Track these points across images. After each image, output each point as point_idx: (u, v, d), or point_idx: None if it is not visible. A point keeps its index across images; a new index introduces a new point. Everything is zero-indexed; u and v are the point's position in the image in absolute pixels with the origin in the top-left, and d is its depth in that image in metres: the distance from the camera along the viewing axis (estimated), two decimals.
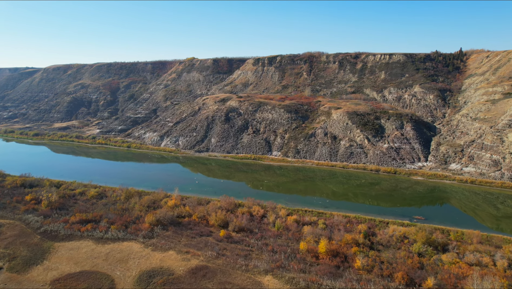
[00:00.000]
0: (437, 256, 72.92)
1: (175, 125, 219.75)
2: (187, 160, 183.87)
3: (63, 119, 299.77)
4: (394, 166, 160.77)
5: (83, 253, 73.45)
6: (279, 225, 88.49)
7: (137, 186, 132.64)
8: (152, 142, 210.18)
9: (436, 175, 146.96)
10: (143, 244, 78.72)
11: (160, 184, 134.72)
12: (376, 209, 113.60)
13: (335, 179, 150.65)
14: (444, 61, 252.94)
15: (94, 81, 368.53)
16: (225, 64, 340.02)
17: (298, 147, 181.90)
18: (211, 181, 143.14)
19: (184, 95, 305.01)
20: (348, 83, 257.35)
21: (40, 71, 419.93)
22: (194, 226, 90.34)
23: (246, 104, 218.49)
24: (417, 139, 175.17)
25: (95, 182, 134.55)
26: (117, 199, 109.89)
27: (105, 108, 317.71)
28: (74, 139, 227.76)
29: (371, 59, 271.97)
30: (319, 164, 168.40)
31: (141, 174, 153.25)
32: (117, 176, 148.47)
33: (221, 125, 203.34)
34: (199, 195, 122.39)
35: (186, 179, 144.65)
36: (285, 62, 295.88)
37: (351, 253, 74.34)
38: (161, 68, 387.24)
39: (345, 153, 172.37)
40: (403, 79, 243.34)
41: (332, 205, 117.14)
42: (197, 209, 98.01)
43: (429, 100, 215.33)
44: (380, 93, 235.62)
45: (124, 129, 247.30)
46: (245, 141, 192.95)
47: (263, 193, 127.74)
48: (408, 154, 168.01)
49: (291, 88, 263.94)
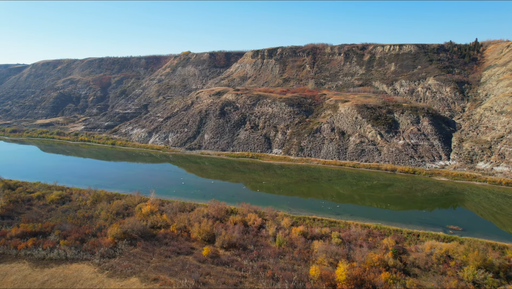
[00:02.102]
0: (502, 288, 52.41)
1: (165, 121, 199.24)
2: (177, 158, 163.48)
3: (48, 116, 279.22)
4: (413, 164, 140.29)
5: (9, 283, 52.92)
6: (282, 240, 68.02)
7: (113, 187, 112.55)
8: (139, 139, 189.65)
9: (463, 175, 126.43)
10: (98, 266, 58.36)
11: (140, 186, 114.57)
12: (399, 216, 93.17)
13: (345, 179, 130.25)
14: (460, 52, 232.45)
15: (84, 76, 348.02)
16: (222, 57, 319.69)
17: (301, 143, 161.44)
18: (201, 182, 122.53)
19: (178, 90, 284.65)
20: (355, 76, 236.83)
21: (29, 67, 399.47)
22: (171, 240, 69.94)
23: (243, 97, 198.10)
24: (436, 135, 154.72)
25: (65, 183, 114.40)
26: (82, 204, 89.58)
27: (94, 104, 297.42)
28: (55, 136, 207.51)
29: (379, 50, 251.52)
30: (326, 163, 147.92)
31: (121, 174, 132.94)
32: (93, 176, 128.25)
33: (216, 120, 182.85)
34: (185, 198, 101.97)
35: (171, 180, 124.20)
36: (287, 54, 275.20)
37: (381, 281, 53.91)
38: (156, 63, 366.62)
39: (355, 150, 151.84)
40: (415, 71, 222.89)
41: (344, 210, 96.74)
42: (177, 218, 77.56)
43: (446, 93, 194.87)
44: (391, 86, 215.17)
45: (111, 126, 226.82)
46: (242, 138, 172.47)
47: (262, 197, 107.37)
48: (427, 151, 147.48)
49: (293, 82, 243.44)
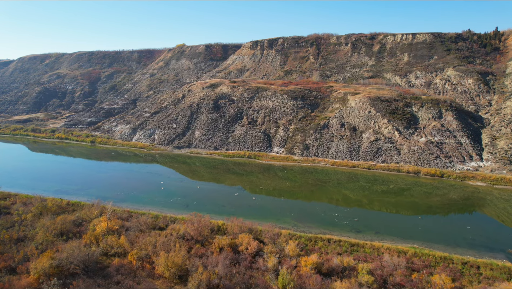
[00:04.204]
0: None
1: (153, 116, 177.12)
2: (163, 157, 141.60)
3: (30, 112, 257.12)
4: (439, 166, 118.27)
5: None
6: (287, 279, 45.77)
7: (77, 194, 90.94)
8: (122, 136, 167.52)
9: (504, 180, 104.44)
10: None
11: (110, 192, 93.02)
12: (438, 234, 71.20)
13: (359, 184, 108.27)
14: (480, 41, 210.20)
15: (72, 70, 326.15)
16: (219, 50, 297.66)
17: (306, 141, 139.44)
18: (185, 188, 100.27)
19: (170, 84, 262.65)
20: (364, 67, 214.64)
21: (15, 61, 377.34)
22: (127, 277, 48.07)
23: (240, 90, 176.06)
24: (464, 131, 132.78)
25: (17, 187, 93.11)
26: (21, 218, 67.71)
27: (81, 100, 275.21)
28: (29, 133, 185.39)
29: (390, 40, 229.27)
30: (336, 164, 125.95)
31: (91, 177, 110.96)
32: (57, 179, 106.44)
33: (208, 115, 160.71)
34: (161, 209, 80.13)
35: (150, 184, 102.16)
36: (288, 45, 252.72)
37: None
38: (149, 57, 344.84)
39: (370, 149, 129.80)
40: (432, 61, 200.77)
41: (365, 226, 74.84)
42: (140, 241, 55.60)
43: (468, 86, 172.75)
44: (405, 78, 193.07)
45: (94, 122, 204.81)
46: (237, 135, 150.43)
47: (259, 206, 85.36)
48: (455, 150, 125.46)
49: (296, 74, 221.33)
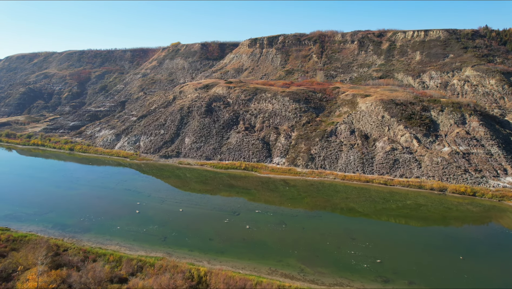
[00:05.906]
0: None
1: (139, 120, 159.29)
2: (148, 168, 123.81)
3: (12, 114, 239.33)
4: (469, 182, 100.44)
5: None
6: None
7: (31, 220, 73.67)
8: (104, 143, 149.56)
9: None
10: None
11: (74, 216, 75.91)
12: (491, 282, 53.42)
13: (376, 205, 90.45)
14: (499, 38, 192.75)
15: (61, 70, 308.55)
16: (216, 49, 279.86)
17: (311, 150, 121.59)
18: (165, 212, 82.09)
19: (163, 85, 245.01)
20: (372, 66, 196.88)
21: (2, 61, 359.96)
22: None
23: (237, 91, 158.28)
24: (493, 140, 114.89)
25: None
26: None
27: (69, 101, 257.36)
28: (3, 139, 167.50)
29: (400, 37, 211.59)
30: (346, 178, 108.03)
31: (56, 196, 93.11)
32: (12, 198, 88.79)
33: (200, 119, 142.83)
34: (130, 244, 62.22)
35: (124, 206, 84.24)
36: (290, 43, 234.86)
37: None
38: (142, 57, 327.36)
39: (385, 161, 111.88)
40: (447, 60, 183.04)
41: (393, 271, 57.13)
42: None
43: (490, 87, 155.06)
44: (418, 79, 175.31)
45: (77, 126, 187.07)
46: (232, 142, 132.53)
47: (255, 240, 67.27)
48: (485, 162, 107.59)
49: (298, 74, 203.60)
